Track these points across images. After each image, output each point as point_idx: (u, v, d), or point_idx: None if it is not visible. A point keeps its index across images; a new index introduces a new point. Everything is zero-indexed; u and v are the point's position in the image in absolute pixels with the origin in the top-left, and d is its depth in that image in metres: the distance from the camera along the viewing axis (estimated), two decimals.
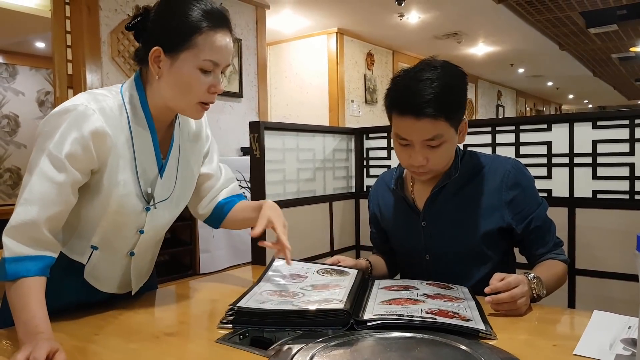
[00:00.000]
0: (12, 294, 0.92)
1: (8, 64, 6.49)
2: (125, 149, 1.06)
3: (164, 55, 1.03)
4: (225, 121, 4.68)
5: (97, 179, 1.05)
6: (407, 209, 1.36)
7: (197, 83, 1.04)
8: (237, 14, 4.81)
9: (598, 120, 1.72)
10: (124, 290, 1.21)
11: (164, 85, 1.06)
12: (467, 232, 1.27)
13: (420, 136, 1.18)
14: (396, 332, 0.90)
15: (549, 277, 1.17)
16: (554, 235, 1.29)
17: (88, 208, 1.08)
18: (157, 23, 1.05)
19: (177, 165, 1.17)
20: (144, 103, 1.08)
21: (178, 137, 1.18)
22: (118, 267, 1.17)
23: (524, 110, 12.64)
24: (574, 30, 6.57)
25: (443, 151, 1.21)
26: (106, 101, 1.04)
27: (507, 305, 1.03)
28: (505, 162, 1.29)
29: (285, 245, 1.16)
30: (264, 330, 0.97)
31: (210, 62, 1.03)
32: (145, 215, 1.12)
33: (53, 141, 0.97)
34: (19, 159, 6.34)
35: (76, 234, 1.11)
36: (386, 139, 2.30)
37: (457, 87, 1.20)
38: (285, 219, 1.23)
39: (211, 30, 1.02)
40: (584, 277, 1.74)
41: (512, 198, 1.25)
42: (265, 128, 1.89)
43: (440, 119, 1.15)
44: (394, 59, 7.30)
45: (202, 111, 1.10)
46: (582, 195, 1.75)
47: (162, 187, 1.14)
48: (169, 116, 1.14)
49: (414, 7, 5.42)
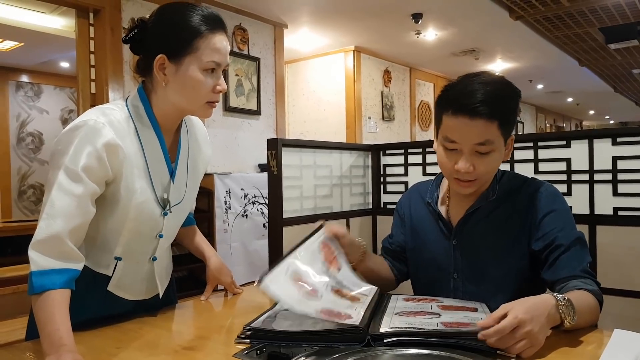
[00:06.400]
0: (38, 307, 0.94)
1: (33, 83, 6.68)
2: (137, 158, 1.10)
3: (168, 61, 1.08)
4: (243, 138, 4.73)
5: (113, 190, 1.08)
6: (439, 225, 1.34)
7: (203, 84, 1.09)
8: (255, 33, 4.89)
9: (618, 137, 1.70)
10: (149, 295, 1.24)
11: (172, 91, 1.10)
12: (498, 254, 1.24)
13: (471, 139, 1.13)
14: (413, 348, 0.90)
15: (581, 305, 1.01)
16: (584, 263, 1.15)
17: (109, 220, 1.11)
18: (157, 32, 1.10)
19: (187, 169, 1.22)
20: (149, 112, 1.13)
21: (186, 141, 1.22)
22: (142, 274, 1.20)
23: (544, 126, 12.52)
24: (593, 46, 6.52)
25: (491, 160, 1.17)
26: (114, 114, 1.08)
27: (502, 342, 0.89)
28: (540, 187, 1.25)
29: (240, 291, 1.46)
30: (280, 345, 0.97)
31: (212, 62, 1.09)
32: (163, 220, 1.16)
33: (68, 156, 1.00)
34: (43, 176, 6.48)
35: (100, 248, 1.13)
36: (403, 155, 2.30)
37: (511, 97, 1.18)
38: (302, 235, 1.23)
39: (210, 33, 1.08)
40: (605, 295, 1.70)
41: (541, 221, 1.20)
42: (283, 145, 1.91)
43: (494, 122, 1.12)
44: (411, 75, 7.32)
45: (211, 109, 1.15)
46: (603, 213, 1.73)
47: (175, 191, 1.18)
48: (175, 122, 1.18)
49: (431, 24, 5.45)
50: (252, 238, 4.34)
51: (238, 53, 4.70)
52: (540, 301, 0.95)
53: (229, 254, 4.10)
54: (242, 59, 4.73)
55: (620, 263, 1.67)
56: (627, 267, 1.66)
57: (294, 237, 1.92)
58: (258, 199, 4.40)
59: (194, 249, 1.45)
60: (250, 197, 4.33)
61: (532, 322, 0.89)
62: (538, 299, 0.96)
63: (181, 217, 1.25)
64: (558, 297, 0.97)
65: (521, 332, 0.88)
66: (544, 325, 0.92)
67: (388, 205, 2.35)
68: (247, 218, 4.31)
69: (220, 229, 4.07)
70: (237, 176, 4.25)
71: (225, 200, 4.12)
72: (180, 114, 1.16)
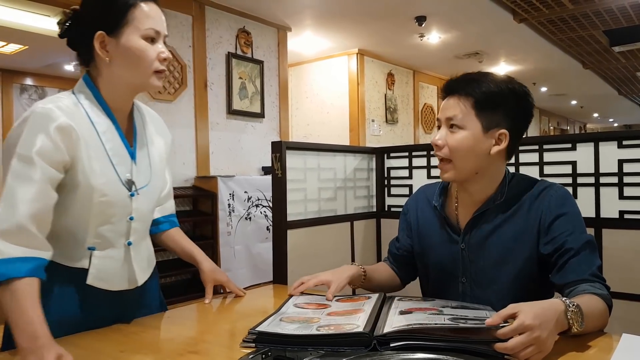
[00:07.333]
0: (3, 296, 0.93)
1: (37, 86, 6.71)
2: (92, 140, 1.09)
3: (108, 37, 1.09)
4: (247, 141, 4.73)
5: (72, 175, 1.07)
6: (447, 229, 1.33)
7: (146, 52, 1.10)
8: (259, 37, 4.90)
9: (624, 140, 1.70)
10: (132, 285, 1.21)
11: (117, 66, 1.11)
12: (506, 258, 1.23)
13: (444, 114, 1.22)
14: (419, 353, 0.89)
15: (590, 310, 1.00)
16: (594, 267, 1.13)
17: (73, 209, 1.09)
18: (90, 12, 1.12)
19: (148, 154, 1.22)
20: (98, 96, 1.13)
21: (141, 126, 1.23)
22: (120, 260, 1.17)
23: (548, 129, 12.50)
24: (597, 49, 6.51)
25: (459, 139, 1.19)
26: (61, 101, 1.08)
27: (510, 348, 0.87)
28: (549, 189, 1.24)
29: (243, 293, 1.41)
30: (286, 349, 0.96)
31: (151, 30, 1.11)
32: (131, 202, 1.15)
33: (19, 144, 1.00)
34: None
35: (70, 242, 1.11)
36: (407, 158, 2.30)
37: (500, 89, 1.19)
38: (306, 238, 1.24)
39: (142, 2, 1.11)
40: (612, 299, 1.69)
41: (551, 224, 1.19)
42: (287, 148, 1.91)
43: (467, 99, 1.19)
44: (415, 78, 7.32)
45: (160, 80, 1.15)
46: (609, 216, 1.72)
47: (139, 174, 1.17)
48: (125, 103, 1.18)
49: (435, 27, 5.45)
50: (256, 241, 4.34)
51: (242, 56, 4.71)
52: (549, 306, 0.94)
53: (233, 256, 4.10)
54: (245, 62, 4.74)
55: (626, 266, 1.66)
56: (633, 271, 1.65)
57: (298, 240, 1.92)
58: (261, 202, 4.40)
59: (182, 252, 1.40)
60: (253, 200, 4.33)
61: (541, 327, 0.88)
62: (547, 304, 0.94)
63: (151, 201, 1.23)
64: (567, 302, 0.96)
65: (529, 338, 0.86)
66: (552, 331, 0.90)
67: (392, 208, 2.35)
68: (250, 221, 4.31)
69: (223, 231, 4.07)
70: (240, 179, 4.25)
71: (228, 203, 4.12)
72: (129, 92, 1.16)
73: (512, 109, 1.21)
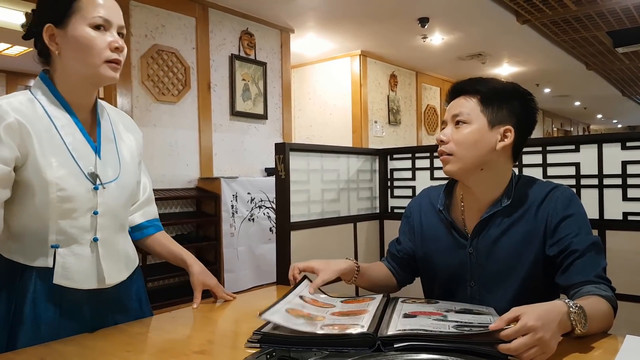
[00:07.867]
0: None
1: None
2: (50, 135, 1.09)
3: (56, 29, 1.09)
4: (250, 142, 4.74)
5: (25, 171, 1.06)
6: (453, 233, 1.31)
7: (94, 40, 1.09)
8: (262, 38, 4.91)
9: (627, 141, 1.69)
10: (102, 284, 1.16)
11: (67, 58, 1.11)
12: (515, 261, 1.22)
13: (451, 112, 1.24)
14: (424, 354, 0.89)
15: (593, 311, 0.99)
16: (599, 268, 1.13)
17: (31, 206, 1.08)
18: (41, 7, 1.13)
19: (117, 149, 1.22)
20: (54, 92, 1.13)
21: (107, 122, 1.22)
22: (86, 257, 1.14)
23: (551, 130, 12.47)
24: (601, 50, 6.50)
25: (465, 133, 1.21)
26: (15, 97, 1.09)
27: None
28: (555, 190, 1.24)
29: (232, 298, 1.39)
30: (290, 350, 0.97)
31: (99, 17, 1.09)
32: (96, 196, 1.13)
33: None
34: None
35: (32, 240, 1.10)
36: (410, 159, 2.30)
37: (503, 87, 1.25)
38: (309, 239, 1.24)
39: None
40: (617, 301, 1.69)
41: (557, 226, 1.19)
42: (291, 149, 1.91)
43: (473, 97, 1.22)
44: (418, 80, 7.32)
45: (113, 71, 1.14)
46: (613, 217, 1.72)
47: (105, 167, 1.16)
48: (84, 97, 1.17)
49: (437, 28, 5.45)
50: (259, 242, 4.35)
51: (245, 58, 4.72)
52: (552, 308, 0.94)
53: (236, 258, 4.11)
54: (248, 64, 4.75)
55: (630, 268, 1.66)
56: (637, 272, 1.65)
57: (301, 241, 1.92)
58: (264, 203, 4.40)
59: (170, 256, 1.37)
60: (256, 201, 4.34)
61: (544, 328, 0.88)
62: (549, 306, 0.94)
63: (122, 196, 1.21)
64: (570, 304, 0.96)
65: (533, 339, 0.86)
66: (555, 332, 0.90)
67: (395, 210, 2.35)
68: (253, 222, 4.32)
69: (227, 233, 4.08)
70: (243, 180, 4.26)
71: (232, 204, 4.13)
72: (84, 85, 1.15)
73: (517, 108, 1.22)
